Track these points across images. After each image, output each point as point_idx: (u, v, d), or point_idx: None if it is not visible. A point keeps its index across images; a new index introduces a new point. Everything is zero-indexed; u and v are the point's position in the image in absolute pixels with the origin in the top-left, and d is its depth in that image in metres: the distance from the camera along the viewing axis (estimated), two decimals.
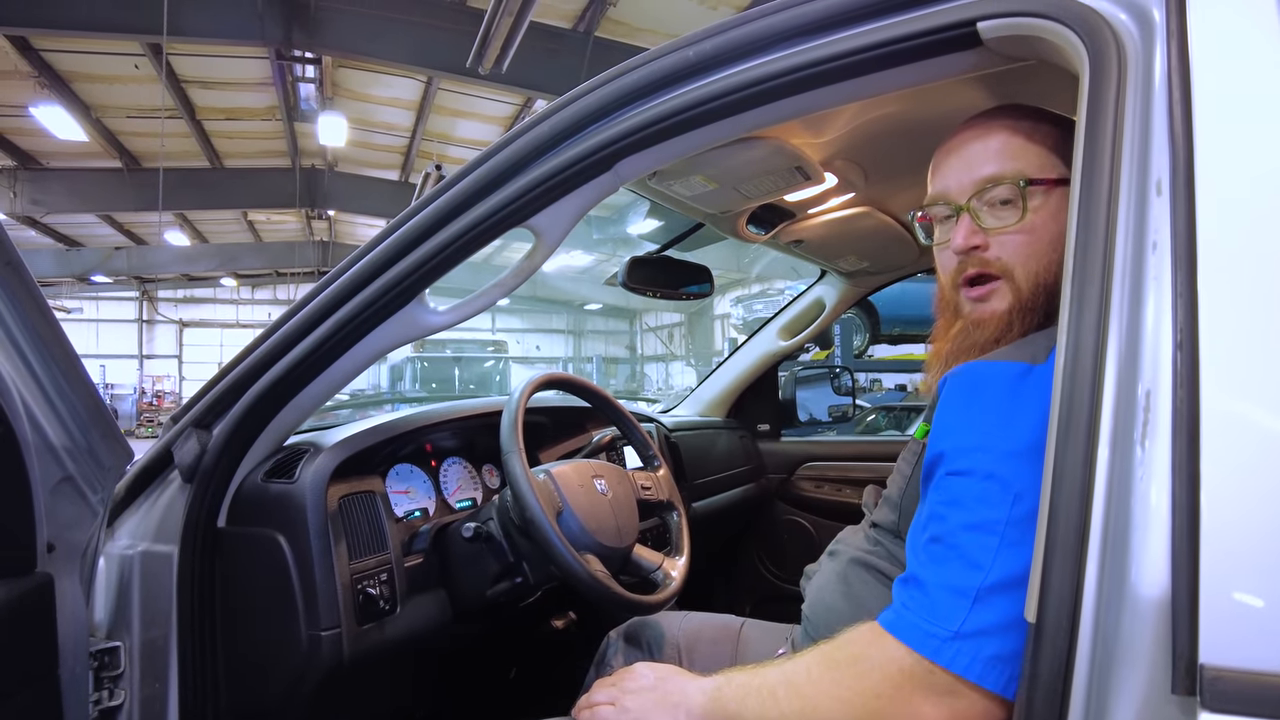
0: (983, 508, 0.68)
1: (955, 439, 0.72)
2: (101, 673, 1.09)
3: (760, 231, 1.67)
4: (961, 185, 0.91)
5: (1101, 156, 0.63)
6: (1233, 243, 0.55)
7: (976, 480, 0.70)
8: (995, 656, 0.65)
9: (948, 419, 0.75)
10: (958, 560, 0.68)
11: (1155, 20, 0.64)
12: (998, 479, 0.68)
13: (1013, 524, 0.67)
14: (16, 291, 0.86)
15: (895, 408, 9.07)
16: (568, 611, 1.66)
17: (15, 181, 12.21)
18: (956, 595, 0.67)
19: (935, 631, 0.66)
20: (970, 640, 0.65)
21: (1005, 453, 0.69)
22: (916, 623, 0.68)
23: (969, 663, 0.65)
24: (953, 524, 0.69)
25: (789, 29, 0.83)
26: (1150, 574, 0.52)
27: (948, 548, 0.69)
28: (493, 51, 6.80)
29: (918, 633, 0.68)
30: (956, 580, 0.67)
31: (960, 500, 0.70)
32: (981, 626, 0.65)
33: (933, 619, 0.67)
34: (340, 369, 1.10)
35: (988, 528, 0.68)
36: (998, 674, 0.65)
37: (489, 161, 0.98)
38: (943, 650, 0.66)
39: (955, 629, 0.66)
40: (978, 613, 0.66)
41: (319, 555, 1.11)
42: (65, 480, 0.95)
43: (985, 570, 0.66)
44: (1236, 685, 0.47)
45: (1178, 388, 0.53)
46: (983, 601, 0.66)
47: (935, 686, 0.66)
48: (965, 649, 0.65)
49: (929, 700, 0.67)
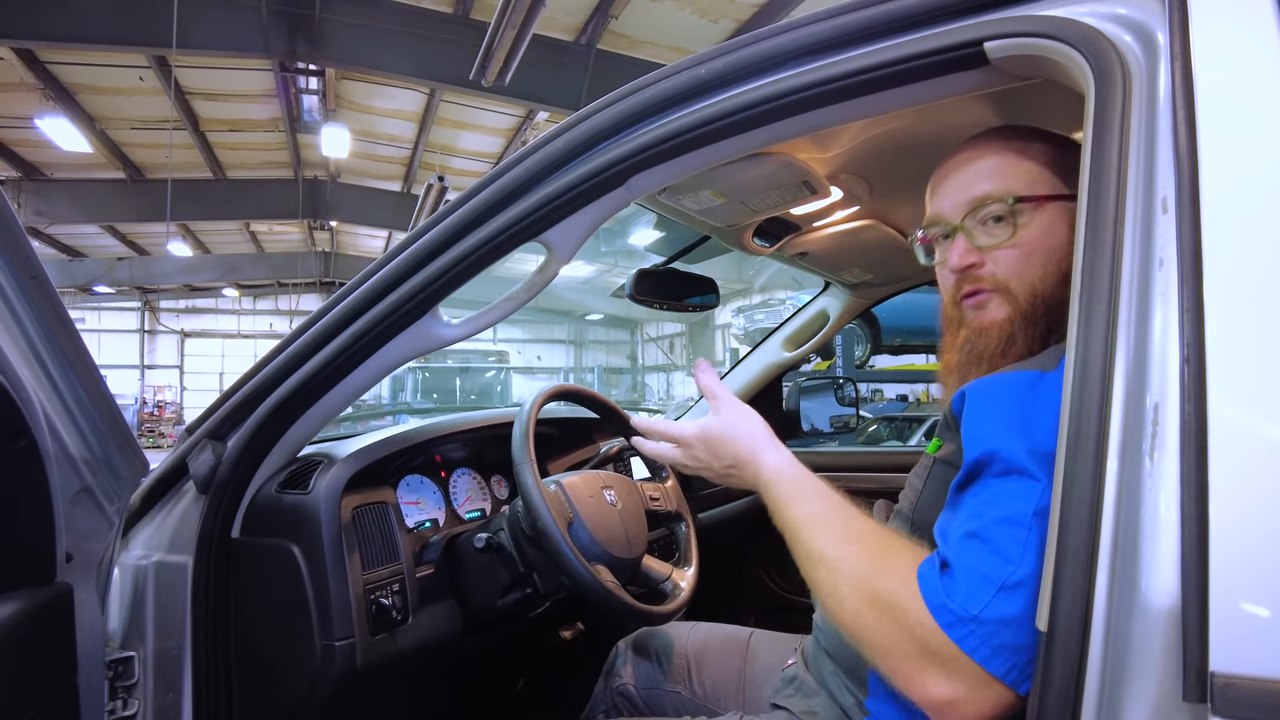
0: (1014, 501, 0.71)
1: (988, 444, 0.74)
2: (116, 682, 1.10)
3: (766, 244, 1.69)
4: (956, 206, 0.94)
5: (1108, 175, 0.64)
6: (1238, 258, 0.56)
7: (1012, 478, 0.72)
8: (1005, 645, 0.66)
9: (976, 427, 0.77)
10: (990, 552, 0.70)
11: (1159, 41, 0.66)
12: (1028, 473, 0.71)
13: (1039, 515, 0.68)
14: (40, 305, 0.88)
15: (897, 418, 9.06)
16: (576, 622, 1.67)
17: (19, 193, 12.24)
18: (984, 581, 0.68)
19: (956, 609, 0.68)
20: (986, 626, 0.67)
21: (1028, 451, 0.71)
22: (942, 593, 0.70)
23: (977, 644, 0.67)
24: (988, 519, 0.71)
25: (799, 48, 0.85)
26: (1160, 583, 0.53)
27: (982, 541, 0.71)
28: (495, 64, 6.84)
29: (940, 604, 0.70)
30: (986, 569, 0.69)
31: (998, 498, 0.72)
32: (1000, 616, 0.67)
33: (956, 597, 0.69)
34: (355, 381, 1.11)
35: (1017, 520, 0.69)
36: (1002, 660, 0.66)
37: (504, 177, 1.00)
38: (957, 628, 0.68)
39: (975, 613, 0.67)
40: (1000, 601, 0.67)
41: (333, 565, 1.12)
42: (84, 491, 0.96)
43: (1015, 564, 0.68)
44: (1246, 693, 0.48)
45: (1185, 401, 0.55)
46: (1007, 593, 0.67)
47: (946, 663, 0.68)
48: (978, 632, 0.67)
49: (939, 675, 0.68)
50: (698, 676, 1.29)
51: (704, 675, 1.29)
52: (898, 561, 0.76)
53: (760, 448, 0.94)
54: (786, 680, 1.12)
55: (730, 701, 1.25)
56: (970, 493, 0.75)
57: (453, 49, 7.79)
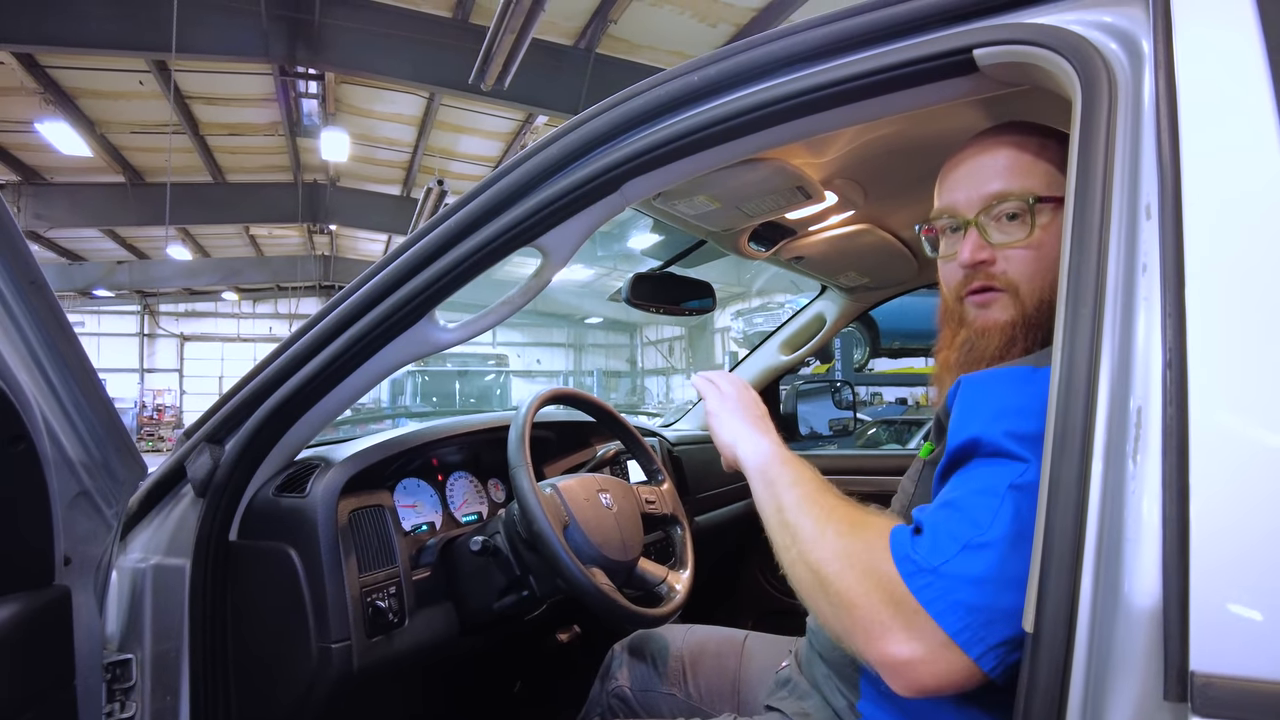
0: (992, 476, 0.72)
1: (975, 429, 0.75)
2: (114, 685, 1.10)
3: (762, 248, 1.70)
4: (970, 200, 0.92)
5: (1094, 180, 0.65)
6: (1219, 264, 0.57)
7: (993, 461, 0.73)
8: (961, 603, 0.67)
9: (966, 414, 0.78)
10: (961, 518, 0.71)
11: (1144, 49, 0.67)
12: (1009, 455, 0.72)
13: (1016, 489, 0.70)
14: (39, 309, 0.88)
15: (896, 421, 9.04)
16: (572, 625, 1.67)
17: (19, 196, 12.26)
18: (949, 539, 0.70)
19: (918, 560, 0.70)
20: (944, 580, 0.68)
21: (1010, 433, 0.72)
22: (907, 548, 0.72)
23: (934, 597, 0.68)
24: (964, 491, 0.73)
25: (791, 55, 0.86)
26: (1143, 584, 0.53)
27: (955, 509, 0.72)
28: (495, 68, 6.86)
29: (904, 555, 0.71)
30: (954, 529, 0.70)
31: (977, 476, 0.74)
32: (960, 573, 0.68)
33: (920, 551, 0.71)
34: (352, 385, 1.12)
35: (992, 491, 0.71)
36: (957, 619, 0.67)
37: (499, 182, 1.01)
38: (916, 577, 0.69)
39: (935, 565, 0.69)
40: (961, 559, 0.68)
41: (330, 568, 1.13)
42: (82, 495, 0.97)
43: (982, 528, 0.69)
44: (1225, 692, 0.49)
45: (1168, 404, 0.55)
46: (970, 551, 0.68)
47: (908, 620, 0.69)
48: (936, 584, 0.68)
49: (900, 633, 0.69)
50: (693, 679, 1.30)
51: (699, 678, 1.30)
52: (872, 523, 0.79)
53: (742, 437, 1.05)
54: (780, 682, 1.12)
55: (725, 704, 1.25)
56: (953, 477, 0.76)
57: (452, 53, 7.81)
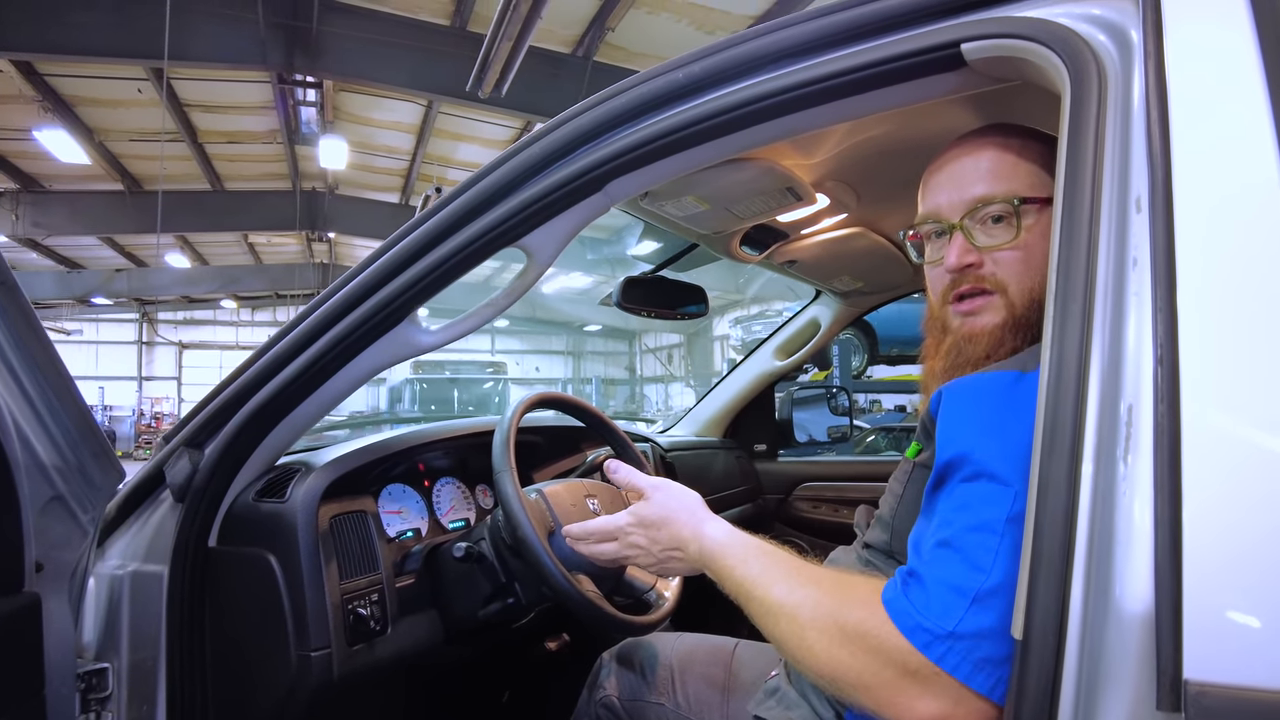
0: (985, 508, 0.69)
1: (960, 446, 0.73)
2: (89, 695, 1.08)
3: (754, 252, 1.68)
4: (953, 204, 0.91)
5: (1083, 175, 0.64)
6: (1210, 258, 0.56)
7: (981, 483, 0.71)
8: (986, 659, 0.65)
9: (950, 429, 0.76)
10: (960, 561, 0.68)
11: (1134, 41, 0.65)
12: (999, 479, 0.69)
13: (1013, 521, 0.67)
14: (10, 312, 0.87)
15: (895, 428, 9.02)
16: (561, 633, 1.65)
17: (18, 204, 12.26)
18: (956, 594, 0.67)
19: (931, 628, 0.67)
20: (964, 641, 0.65)
21: (1004, 454, 0.70)
22: (914, 614, 0.68)
23: (958, 662, 0.65)
24: (959, 526, 0.70)
25: (776, 51, 0.85)
26: (1134, 590, 0.52)
27: (954, 550, 0.69)
28: (492, 76, 6.86)
29: (914, 625, 0.68)
30: (957, 579, 0.67)
31: (968, 504, 0.71)
32: (977, 629, 0.65)
33: (929, 615, 0.67)
34: (333, 388, 1.10)
35: (989, 527, 0.68)
36: (985, 676, 0.65)
37: (481, 182, 0.99)
38: (934, 646, 0.66)
39: (951, 628, 0.66)
40: (975, 614, 0.66)
41: (309, 575, 1.10)
42: (55, 499, 0.95)
43: (986, 572, 0.67)
44: (1220, 701, 0.47)
45: (1159, 402, 0.54)
46: (981, 604, 0.66)
47: (928, 682, 0.66)
48: (957, 648, 0.66)
49: (922, 695, 0.67)
50: (681, 688, 1.27)
51: (688, 686, 1.27)
52: (858, 592, 0.74)
53: (700, 522, 0.94)
54: (769, 692, 1.10)
55: (714, 713, 1.23)
56: (942, 496, 0.74)
57: (450, 61, 7.82)
